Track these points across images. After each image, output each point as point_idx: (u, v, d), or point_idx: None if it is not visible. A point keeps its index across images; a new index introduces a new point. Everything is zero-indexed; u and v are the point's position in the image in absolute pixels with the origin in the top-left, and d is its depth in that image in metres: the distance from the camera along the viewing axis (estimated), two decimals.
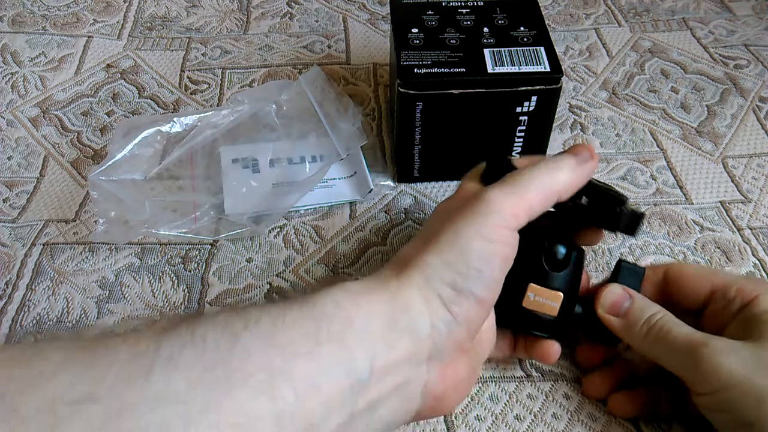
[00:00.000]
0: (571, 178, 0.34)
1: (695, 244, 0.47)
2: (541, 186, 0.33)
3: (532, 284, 0.36)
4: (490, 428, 0.38)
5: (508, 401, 0.39)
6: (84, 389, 0.23)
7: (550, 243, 0.36)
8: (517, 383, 0.39)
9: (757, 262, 0.46)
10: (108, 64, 0.62)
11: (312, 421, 0.26)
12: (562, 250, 0.36)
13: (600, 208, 0.36)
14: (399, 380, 0.30)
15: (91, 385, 0.23)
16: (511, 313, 0.36)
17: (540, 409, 0.38)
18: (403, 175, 0.51)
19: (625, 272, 0.38)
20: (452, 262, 0.31)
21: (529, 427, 0.38)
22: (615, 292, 0.37)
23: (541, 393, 0.39)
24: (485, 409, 0.38)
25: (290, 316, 0.28)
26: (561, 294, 0.36)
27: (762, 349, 0.31)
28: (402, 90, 0.44)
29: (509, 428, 0.37)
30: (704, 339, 0.32)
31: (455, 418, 0.38)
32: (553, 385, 0.39)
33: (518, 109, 0.46)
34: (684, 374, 0.33)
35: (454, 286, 0.30)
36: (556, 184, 0.34)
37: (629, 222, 0.35)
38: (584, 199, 0.36)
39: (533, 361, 0.40)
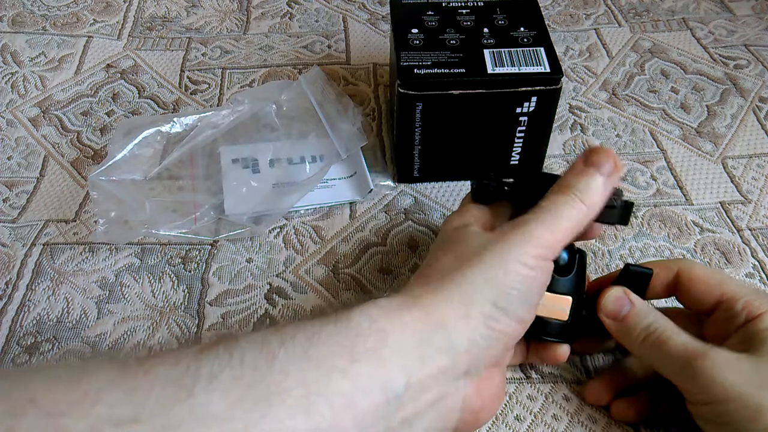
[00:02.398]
0: (601, 199, 0.34)
1: (695, 246, 0.47)
2: (575, 216, 0.33)
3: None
4: (490, 429, 0.38)
5: (508, 402, 0.39)
6: (128, 410, 0.24)
7: None
8: (516, 384, 0.39)
9: (757, 263, 0.46)
10: (108, 64, 0.62)
11: None
12: (565, 255, 0.36)
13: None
14: (435, 395, 0.30)
15: (135, 406, 0.24)
16: None
17: (540, 410, 0.38)
18: (403, 176, 0.51)
19: (630, 275, 0.37)
20: (495, 282, 0.31)
21: (529, 427, 0.38)
22: (615, 296, 0.36)
23: (541, 394, 0.39)
24: None
25: (325, 332, 0.28)
26: (570, 298, 0.36)
27: (761, 363, 0.31)
28: (402, 90, 0.44)
29: (509, 428, 0.38)
30: (703, 350, 0.32)
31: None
32: (552, 387, 0.39)
33: (518, 110, 0.46)
34: (680, 383, 0.33)
35: (496, 303, 0.31)
36: (588, 211, 0.34)
37: (623, 213, 0.36)
38: None
39: (533, 363, 0.40)
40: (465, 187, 0.51)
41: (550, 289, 0.36)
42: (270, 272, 0.45)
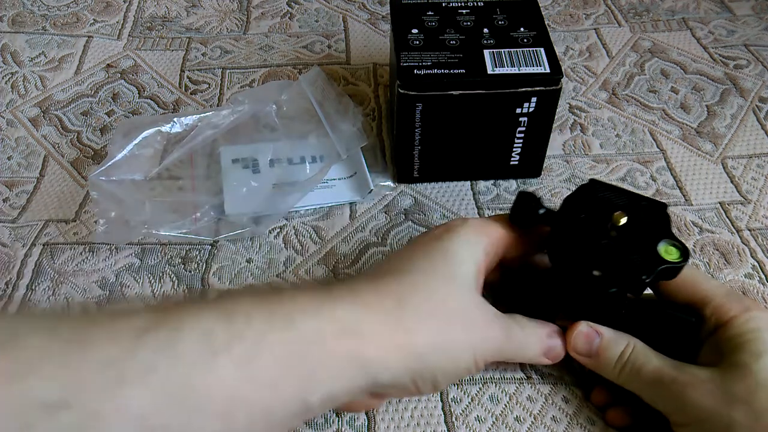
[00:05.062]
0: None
1: (694, 246, 0.47)
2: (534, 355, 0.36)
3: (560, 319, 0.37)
4: (490, 429, 0.38)
5: (508, 403, 0.39)
6: (57, 392, 0.23)
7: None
8: (517, 385, 0.40)
9: (756, 263, 0.46)
10: (108, 64, 0.62)
11: None
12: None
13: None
14: (341, 402, 0.32)
15: (66, 388, 0.23)
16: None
17: (540, 411, 0.38)
18: (402, 176, 0.51)
19: (673, 323, 0.35)
20: (450, 360, 0.33)
21: (529, 429, 0.38)
22: (583, 332, 0.36)
23: (541, 395, 0.39)
24: (485, 410, 0.38)
25: (275, 339, 0.28)
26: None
27: (727, 377, 0.31)
28: (402, 91, 0.44)
29: (509, 429, 0.38)
30: (672, 373, 0.33)
31: (455, 419, 0.38)
32: (552, 388, 0.39)
33: (518, 111, 0.46)
34: (659, 407, 0.34)
35: (435, 378, 0.33)
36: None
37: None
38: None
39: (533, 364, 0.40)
40: (465, 187, 0.51)
41: (573, 316, 0.36)
42: (270, 272, 0.46)
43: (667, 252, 0.33)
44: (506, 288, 0.40)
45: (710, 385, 0.31)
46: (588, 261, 0.33)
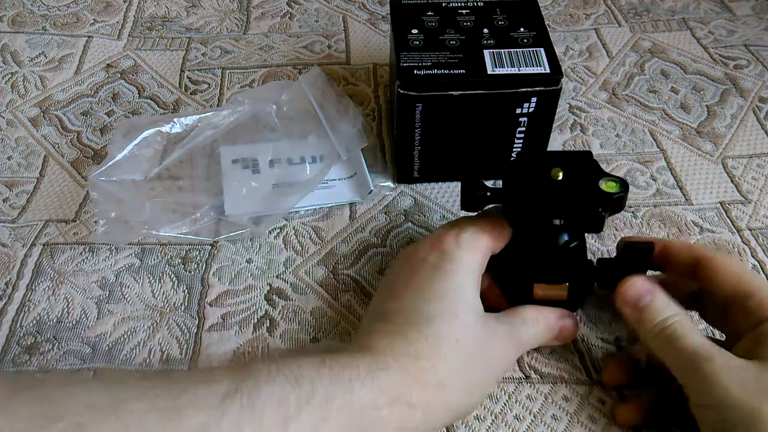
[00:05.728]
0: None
1: None
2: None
3: (536, 285, 0.38)
4: (489, 428, 0.38)
5: (507, 401, 0.39)
6: None
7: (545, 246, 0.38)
8: (516, 384, 0.40)
9: (756, 263, 0.46)
10: (108, 64, 0.62)
11: None
12: (565, 237, 0.38)
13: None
14: None
15: None
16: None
17: (539, 410, 0.38)
18: (402, 176, 0.51)
19: (632, 252, 0.37)
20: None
21: (528, 427, 0.38)
22: (637, 287, 0.36)
23: (540, 394, 0.39)
24: (484, 408, 0.38)
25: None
26: (566, 284, 0.38)
27: (764, 370, 0.31)
28: (402, 91, 0.44)
29: (509, 428, 0.38)
30: (710, 353, 0.32)
31: None
32: (552, 387, 0.39)
33: (518, 111, 0.46)
34: (685, 381, 0.33)
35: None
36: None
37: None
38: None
39: (532, 363, 0.40)
40: None
41: (546, 278, 0.38)
42: (270, 273, 0.46)
43: (609, 186, 0.36)
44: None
45: (745, 374, 0.31)
46: (545, 214, 0.36)
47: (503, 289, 0.40)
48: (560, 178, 0.36)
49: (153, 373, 0.39)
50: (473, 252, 0.37)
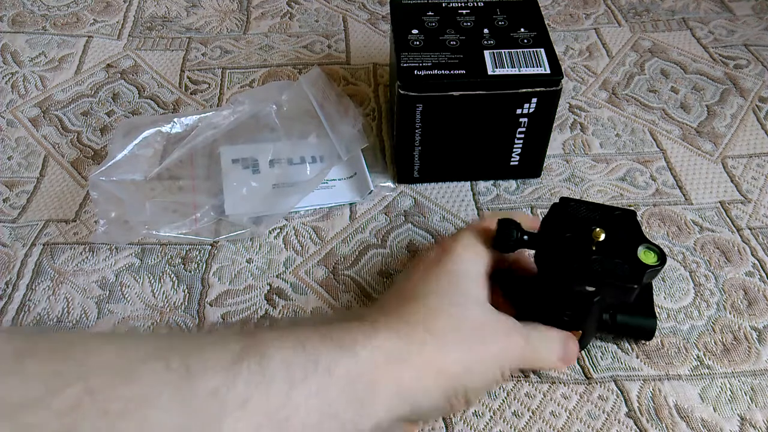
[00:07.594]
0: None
1: (694, 244, 0.47)
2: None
3: None
4: (488, 424, 0.38)
5: (505, 398, 0.39)
6: (172, 424, 0.25)
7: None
8: (514, 382, 0.40)
9: (756, 262, 0.46)
10: (108, 64, 0.62)
11: None
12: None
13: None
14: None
15: (181, 416, 0.25)
16: None
17: (538, 406, 0.38)
18: (403, 176, 0.51)
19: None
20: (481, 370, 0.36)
21: (527, 423, 0.38)
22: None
23: (539, 392, 0.39)
24: (483, 404, 0.38)
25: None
26: (580, 332, 0.38)
27: None
28: (402, 92, 0.44)
29: (507, 424, 0.38)
30: None
31: (452, 414, 0.38)
32: (550, 386, 0.39)
33: (518, 111, 0.46)
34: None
35: (467, 391, 0.35)
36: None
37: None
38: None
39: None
40: (465, 187, 0.51)
41: (562, 325, 0.38)
42: (270, 273, 0.46)
43: (647, 256, 0.35)
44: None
45: None
46: (579, 278, 0.35)
47: (517, 309, 0.39)
48: (602, 239, 0.35)
49: (165, 335, 0.39)
50: (475, 250, 0.37)
